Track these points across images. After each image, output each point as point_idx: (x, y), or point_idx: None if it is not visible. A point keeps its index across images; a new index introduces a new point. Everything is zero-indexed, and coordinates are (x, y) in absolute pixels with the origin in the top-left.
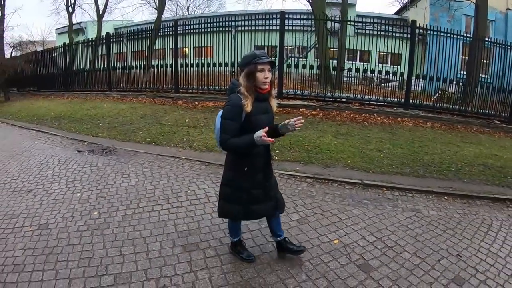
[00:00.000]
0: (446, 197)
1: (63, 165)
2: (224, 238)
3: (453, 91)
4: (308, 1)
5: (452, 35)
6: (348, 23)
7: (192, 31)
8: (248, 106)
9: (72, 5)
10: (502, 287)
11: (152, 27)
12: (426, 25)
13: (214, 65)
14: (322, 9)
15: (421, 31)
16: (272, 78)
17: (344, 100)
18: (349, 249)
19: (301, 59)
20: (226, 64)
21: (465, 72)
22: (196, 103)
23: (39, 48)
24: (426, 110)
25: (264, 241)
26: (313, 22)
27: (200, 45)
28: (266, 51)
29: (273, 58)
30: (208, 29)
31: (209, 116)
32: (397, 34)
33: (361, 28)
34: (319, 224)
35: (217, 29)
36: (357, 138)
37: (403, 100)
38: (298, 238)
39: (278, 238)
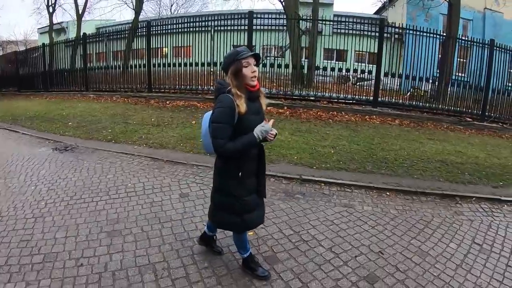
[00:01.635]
0: (388, 193)
1: (26, 161)
2: (146, 226)
3: (426, 89)
4: (280, 1)
5: (426, 34)
6: (321, 22)
7: (164, 31)
8: (242, 106)
9: (53, 5)
10: None
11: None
12: (402, 24)
13: (185, 64)
14: (295, 9)
15: (397, 30)
16: (258, 75)
17: (312, 98)
18: (261, 241)
19: (277, 58)
20: (197, 64)
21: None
22: (168, 102)
23: (22, 48)
24: (396, 108)
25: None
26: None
27: (172, 45)
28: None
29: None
30: (180, 30)
31: (176, 115)
32: (373, 33)
33: (337, 27)
34: None
35: (189, 29)
36: (315, 135)
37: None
38: None
39: (212, 233)
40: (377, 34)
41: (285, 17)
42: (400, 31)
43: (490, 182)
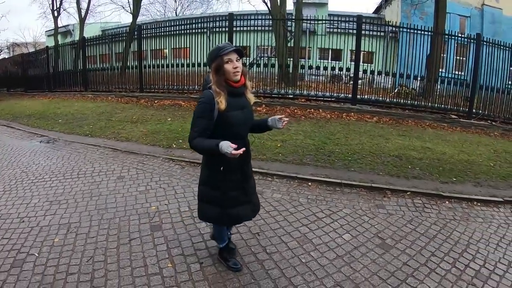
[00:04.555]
0: (310, 183)
1: (12, 151)
2: (79, 199)
3: (414, 87)
4: (264, 2)
5: (417, 31)
6: (305, 22)
7: (153, 34)
8: (222, 103)
9: (58, 9)
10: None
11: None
12: (396, 22)
13: (172, 65)
14: (280, 9)
15: (375, 27)
16: (244, 69)
17: (290, 96)
18: (158, 214)
19: (263, 58)
20: (182, 65)
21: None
22: (156, 101)
23: (32, 50)
24: (376, 106)
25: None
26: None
27: (161, 48)
28: None
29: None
30: (166, 33)
31: (158, 113)
32: (369, 32)
33: (330, 27)
34: (155, 195)
35: (173, 32)
36: (274, 130)
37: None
38: (130, 200)
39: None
40: (373, 33)
41: (269, 17)
42: (394, 28)
43: (442, 178)
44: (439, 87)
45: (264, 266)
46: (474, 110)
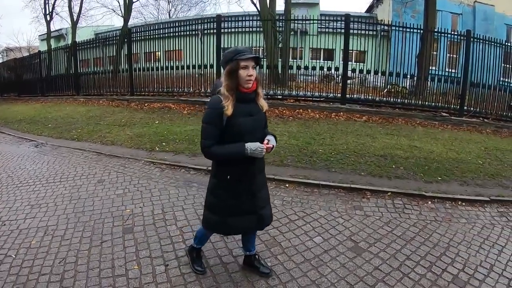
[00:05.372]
0: (287, 185)
1: (0, 156)
2: (59, 202)
3: (404, 86)
4: (253, 3)
5: (406, 29)
6: (293, 22)
7: (142, 37)
8: (228, 108)
9: (50, 13)
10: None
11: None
12: (390, 21)
13: (162, 68)
14: (270, 10)
15: (363, 25)
16: (258, 76)
17: (279, 97)
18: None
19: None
20: (172, 68)
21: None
22: (146, 104)
23: (26, 54)
24: (366, 105)
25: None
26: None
27: (150, 51)
28: None
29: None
30: (156, 36)
31: (147, 116)
32: (361, 32)
33: (321, 26)
34: (132, 198)
35: (163, 35)
36: None
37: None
38: (107, 203)
39: (248, 253)
40: (367, 32)
41: (258, 18)
42: (384, 27)
43: (426, 177)
44: (429, 85)
45: (228, 269)
46: (465, 108)
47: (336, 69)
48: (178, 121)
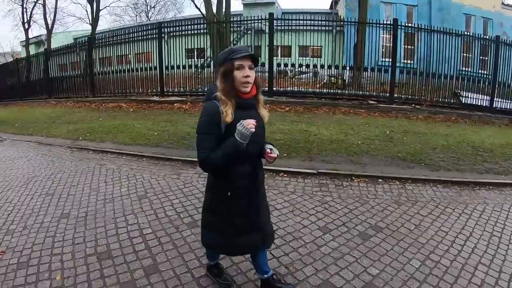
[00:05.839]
0: (160, 162)
1: None
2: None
3: (343, 78)
4: (196, 7)
5: (343, 23)
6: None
7: (101, 44)
8: (227, 114)
9: (28, 22)
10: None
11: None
12: (342, 17)
13: (116, 72)
14: (215, 13)
15: (287, 22)
16: (257, 80)
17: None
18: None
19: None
20: (124, 71)
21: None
22: (103, 104)
23: (10, 59)
24: (293, 96)
25: None
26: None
27: (108, 55)
28: None
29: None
30: (111, 42)
31: (97, 114)
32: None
33: (279, 25)
34: (38, 166)
35: (120, 40)
36: (165, 122)
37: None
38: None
39: (265, 276)
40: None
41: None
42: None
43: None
44: (369, 75)
45: None
46: (396, 95)
47: (262, 64)
48: (119, 117)
